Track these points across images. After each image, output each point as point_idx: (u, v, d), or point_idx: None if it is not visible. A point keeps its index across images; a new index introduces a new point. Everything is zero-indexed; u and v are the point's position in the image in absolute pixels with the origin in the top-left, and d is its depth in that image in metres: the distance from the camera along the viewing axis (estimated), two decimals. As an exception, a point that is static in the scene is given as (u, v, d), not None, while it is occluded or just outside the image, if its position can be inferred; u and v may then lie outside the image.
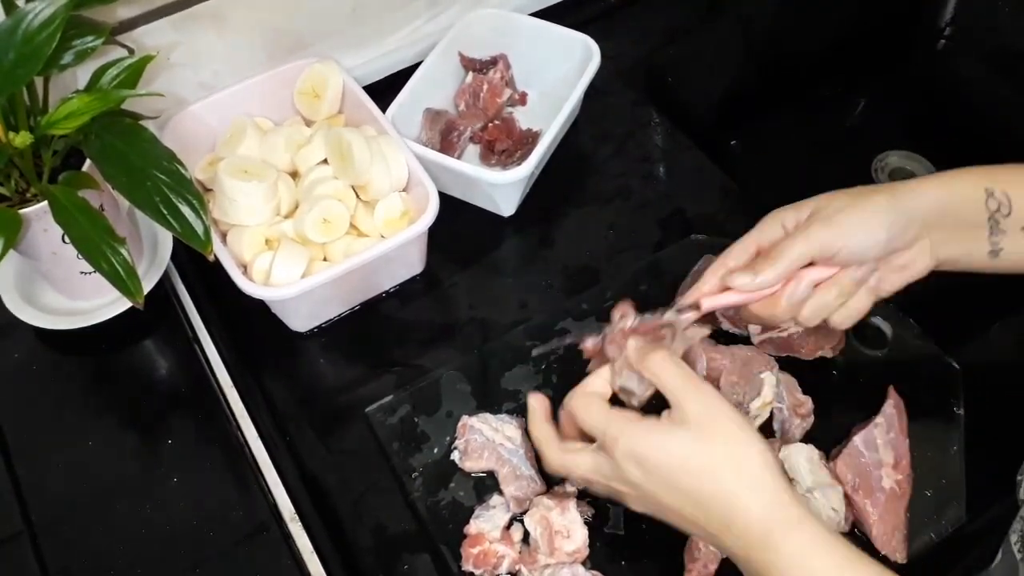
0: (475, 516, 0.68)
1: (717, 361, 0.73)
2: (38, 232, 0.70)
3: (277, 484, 0.70)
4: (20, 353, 0.78)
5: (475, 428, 0.71)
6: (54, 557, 0.67)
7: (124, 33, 0.79)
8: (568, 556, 0.65)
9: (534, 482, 0.69)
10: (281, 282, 0.74)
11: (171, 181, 0.66)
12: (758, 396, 0.70)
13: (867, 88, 1.15)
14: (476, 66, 0.93)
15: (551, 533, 0.66)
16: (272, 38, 0.88)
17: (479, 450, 0.70)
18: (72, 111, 0.65)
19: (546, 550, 0.65)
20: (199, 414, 0.75)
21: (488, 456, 0.70)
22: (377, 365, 0.78)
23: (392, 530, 0.69)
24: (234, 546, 0.68)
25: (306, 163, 0.82)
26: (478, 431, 0.71)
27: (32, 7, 0.63)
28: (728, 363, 0.73)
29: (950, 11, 1.16)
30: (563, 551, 0.65)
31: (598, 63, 0.87)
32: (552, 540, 0.65)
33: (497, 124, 0.91)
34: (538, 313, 0.81)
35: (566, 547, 0.65)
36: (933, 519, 0.68)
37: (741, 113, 1.10)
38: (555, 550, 0.65)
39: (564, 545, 0.65)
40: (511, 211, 0.87)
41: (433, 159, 0.81)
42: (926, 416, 0.71)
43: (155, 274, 0.79)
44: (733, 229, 0.84)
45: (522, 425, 0.72)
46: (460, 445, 0.71)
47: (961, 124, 1.13)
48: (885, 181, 1.06)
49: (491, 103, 0.91)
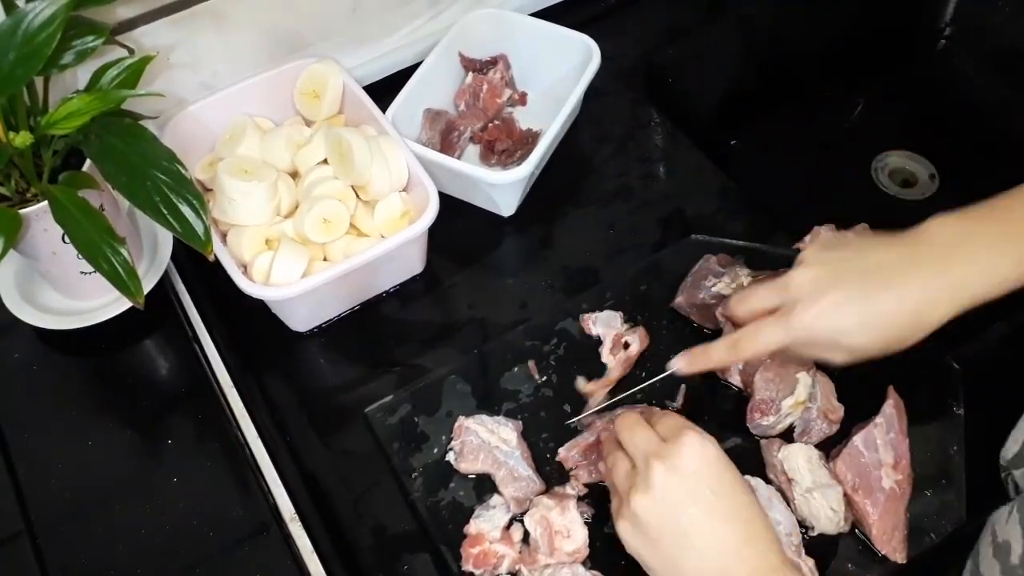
0: (475, 516, 0.68)
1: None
2: (38, 232, 0.70)
3: (277, 484, 0.70)
4: (20, 353, 0.78)
5: (471, 430, 0.71)
6: (54, 557, 0.67)
7: (124, 33, 0.79)
8: (568, 556, 0.65)
9: (533, 482, 0.69)
10: (281, 282, 0.74)
11: (171, 181, 0.66)
12: (791, 395, 0.70)
13: (867, 88, 1.15)
14: (476, 66, 0.93)
15: (551, 533, 0.66)
16: (272, 38, 0.88)
17: (475, 452, 0.70)
18: (72, 111, 0.65)
19: (546, 550, 0.65)
20: (199, 414, 0.75)
21: (484, 458, 0.70)
22: (377, 365, 0.78)
23: (392, 530, 0.69)
24: (234, 546, 0.68)
25: (306, 163, 0.82)
26: (474, 433, 0.71)
27: (32, 7, 0.63)
28: (767, 358, 0.72)
29: (950, 11, 1.16)
30: (563, 551, 0.65)
31: (598, 63, 0.87)
32: (552, 540, 0.65)
33: (497, 124, 0.91)
34: (538, 313, 0.81)
35: (566, 547, 0.65)
36: (933, 519, 0.68)
37: (741, 113, 1.10)
38: (555, 550, 0.65)
39: (564, 545, 0.65)
40: (511, 211, 0.87)
41: (433, 159, 0.81)
42: (926, 416, 0.71)
43: (155, 274, 0.79)
44: (733, 229, 0.85)
45: (518, 427, 0.72)
46: (456, 446, 0.71)
47: (961, 124, 1.13)
48: (885, 181, 1.07)
49: (491, 103, 0.91)
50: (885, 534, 0.65)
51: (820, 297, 0.61)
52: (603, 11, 1.05)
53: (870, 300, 0.61)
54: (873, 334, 0.61)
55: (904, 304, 0.60)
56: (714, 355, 0.66)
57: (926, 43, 1.17)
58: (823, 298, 0.61)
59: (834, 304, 0.61)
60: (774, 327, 0.63)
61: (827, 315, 0.61)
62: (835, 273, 0.62)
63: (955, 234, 0.62)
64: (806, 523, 0.67)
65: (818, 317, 0.61)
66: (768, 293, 0.65)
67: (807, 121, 1.13)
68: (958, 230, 0.62)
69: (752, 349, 0.64)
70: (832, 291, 0.61)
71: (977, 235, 0.61)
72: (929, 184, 1.06)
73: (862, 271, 0.62)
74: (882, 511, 0.66)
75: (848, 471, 0.67)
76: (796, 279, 0.63)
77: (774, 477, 0.69)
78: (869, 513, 0.66)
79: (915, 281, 0.60)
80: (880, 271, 0.61)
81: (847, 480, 0.67)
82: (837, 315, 0.61)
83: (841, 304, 0.61)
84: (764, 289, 0.65)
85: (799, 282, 0.63)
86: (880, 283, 0.61)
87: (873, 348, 0.62)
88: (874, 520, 0.65)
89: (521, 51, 0.94)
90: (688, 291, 0.78)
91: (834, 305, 0.61)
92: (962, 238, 0.61)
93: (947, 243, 0.61)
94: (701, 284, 0.78)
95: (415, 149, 0.81)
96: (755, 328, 0.64)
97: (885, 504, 0.66)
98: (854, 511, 0.67)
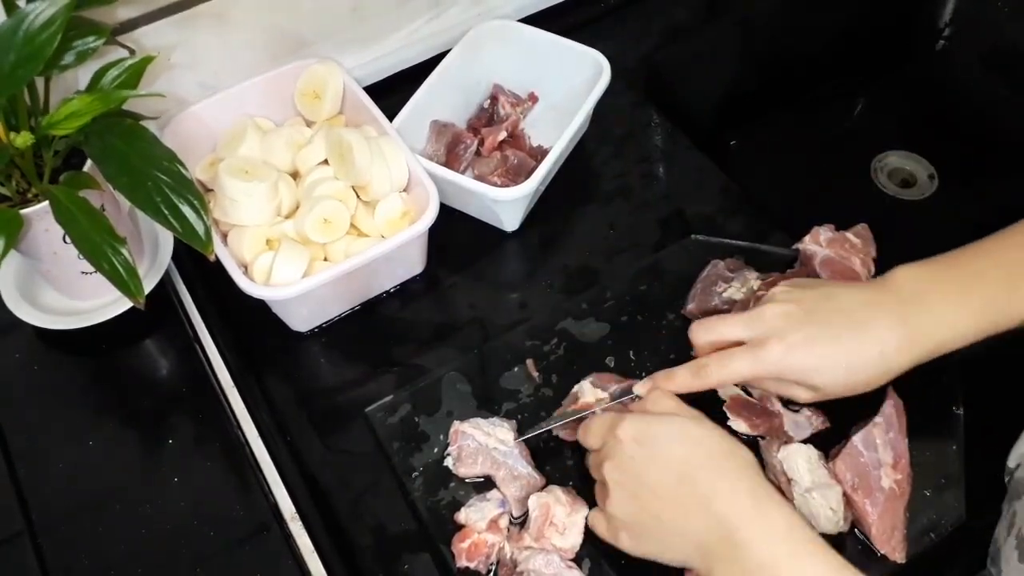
0: (467, 505, 0.68)
1: None
2: (39, 232, 0.70)
3: (277, 484, 0.70)
4: (20, 353, 0.79)
5: (467, 434, 0.71)
6: (54, 557, 0.67)
7: (125, 34, 0.79)
8: (552, 548, 0.65)
9: (533, 478, 0.69)
10: (282, 282, 0.74)
11: (172, 181, 0.66)
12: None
13: (867, 88, 1.15)
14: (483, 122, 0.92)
15: (546, 522, 0.65)
16: (272, 38, 0.88)
17: (473, 455, 0.70)
18: (73, 111, 0.65)
19: (534, 534, 0.65)
20: (199, 414, 0.75)
21: (483, 461, 0.70)
22: (377, 365, 0.79)
23: (392, 530, 0.69)
24: (234, 546, 0.68)
25: (307, 163, 0.82)
26: (470, 436, 0.70)
27: (33, 8, 0.63)
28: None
29: (950, 11, 1.16)
30: (550, 541, 0.65)
31: (608, 80, 0.86)
32: (543, 528, 0.65)
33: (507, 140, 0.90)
34: (538, 313, 0.81)
35: (555, 541, 0.65)
36: (933, 519, 0.68)
37: (741, 113, 1.10)
38: (543, 538, 0.65)
39: (554, 538, 0.65)
40: (514, 227, 0.86)
41: (437, 173, 0.80)
42: (926, 416, 0.71)
43: (156, 274, 0.79)
44: (733, 229, 0.85)
45: (513, 427, 0.72)
46: (453, 452, 0.71)
47: (961, 124, 1.13)
48: (885, 181, 1.07)
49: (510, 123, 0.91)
50: (884, 534, 0.66)
51: (791, 333, 0.62)
52: (603, 11, 1.05)
53: (838, 341, 0.62)
54: (839, 374, 0.62)
55: (869, 348, 0.61)
56: (678, 379, 0.66)
57: (926, 43, 1.17)
58: (794, 334, 0.62)
59: (805, 341, 0.62)
60: (743, 358, 0.64)
61: (797, 352, 0.62)
62: (806, 312, 0.63)
63: (916, 284, 0.63)
64: (806, 523, 0.67)
65: (788, 353, 0.62)
66: (734, 326, 0.65)
67: (807, 121, 1.13)
68: (919, 281, 0.63)
69: (718, 377, 0.65)
70: (803, 328, 0.62)
71: (937, 287, 0.63)
72: (929, 184, 1.06)
73: (831, 311, 0.63)
74: (881, 511, 0.66)
75: (847, 471, 0.67)
76: (767, 313, 0.64)
77: (773, 477, 0.69)
78: (868, 513, 0.66)
79: (878, 326, 0.62)
80: (847, 313, 0.63)
81: (846, 480, 0.67)
82: (807, 353, 0.62)
83: (812, 342, 0.62)
84: (731, 321, 0.66)
85: (770, 316, 0.64)
86: (847, 325, 0.62)
87: (838, 388, 0.63)
88: (873, 520, 0.66)
89: (530, 63, 0.92)
90: (699, 298, 0.78)
91: (805, 342, 0.62)
92: (922, 289, 0.63)
93: (908, 292, 0.63)
94: (711, 290, 0.78)
95: (420, 162, 0.80)
96: (724, 356, 0.65)
97: (884, 504, 0.66)
98: (853, 511, 0.67)
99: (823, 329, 0.62)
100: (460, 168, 0.86)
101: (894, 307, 0.62)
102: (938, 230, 1.02)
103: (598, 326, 0.79)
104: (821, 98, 1.14)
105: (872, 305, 0.63)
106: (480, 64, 0.92)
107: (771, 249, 0.82)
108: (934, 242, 0.76)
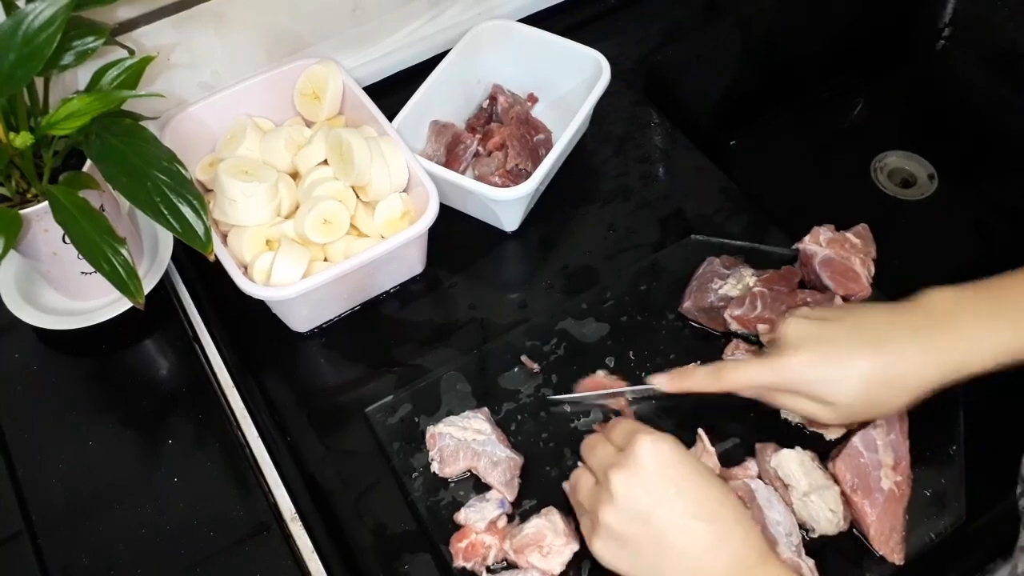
0: (467, 505, 0.68)
1: None
2: (39, 232, 0.70)
3: (277, 484, 0.70)
4: (20, 353, 0.79)
5: (443, 434, 0.71)
6: (54, 557, 0.67)
7: (124, 34, 0.79)
8: (528, 565, 0.65)
9: (512, 459, 0.69)
10: (281, 282, 0.74)
11: (171, 181, 0.66)
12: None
13: (867, 88, 1.15)
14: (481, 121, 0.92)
15: (536, 540, 0.65)
16: (272, 38, 0.88)
17: (454, 453, 0.70)
18: (72, 112, 0.65)
19: (517, 545, 0.65)
20: (199, 414, 0.75)
21: (464, 456, 0.70)
22: (377, 365, 0.79)
23: (392, 530, 0.69)
24: (234, 546, 0.68)
25: (306, 164, 0.82)
26: (447, 436, 0.70)
27: (32, 8, 0.63)
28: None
29: (950, 11, 1.16)
30: (527, 559, 0.65)
31: (608, 80, 0.86)
32: (529, 546, 0.65)
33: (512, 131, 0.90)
34: (538, 313, 0.81)
35: (534, 560, 0.64)
36: (933, 519, 0.68)
37: (741, 113, 1.11)
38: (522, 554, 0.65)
39: (534, 558, 0.64)
40: (514, 227, 0.86)
41: (437, 173, 0.80)
42: (926, 416, 0.71)
43: (155, 274, 0.79)
44: (733, 229, 0.85)
45: (486, 414, 0.72)
46: (435, 456, 0.71)
47: (960, 124, 1.13)
48: (885, 181, 1.07)
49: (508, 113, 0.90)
50: (883, 535, 0.66)
51: (811, 347, 0.62)
52: (603, 11, 1.05)
53: (858, 358, 0.61)
54: (858, 392, 0.61)
55: (891, 368, 0.61)
56: (697, 378, 0.67)
57: (926, 43, 1.17)
58: (813, 348, 0.62)
59: (822, 356, 0.62)
60: (759, 366, 0.64)
61: (814, 365, 0.62)
62: (827, 329, 0.63)
63: (948, 306, 0.62)
64: (806, 526, 0.67)
65: (805, 365, 0.62)
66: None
67: (807, 121, 1.13)
68: (951, 303, 0.62)
69: (734, 381, 0.65)
70: (823, 344, 0.62)
71: (968, 310, 0.62)
72: (928, 184, 1.07)
73: (853, 328, 0.63)
74: (880, 512, 0.66)
75: (847, 471, 0.67)
76: (788, 328, 0.64)
77: (769, 483, 0.68)
78: (867, 514, 0.66)
79: (903, 346, 0.61)
80: (871, 331, 0.62)
81: (846, 480, 0.67)
82: (824, 367, 0.62)
83: (829, 357, 0.62)
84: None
85: (790, 331, 0.64)
86: (869, 344, 0.62)
87: (856, 404, 0.62)
88: (872, 521, 0.66)
89: (530, 64, 0.92)
90: (695, 295, 0.78)
91: (822, 357, 0.62)
92: (953, 311, 0.62)
93: (939, 314, 0.62)
94: (707, 287, 0.78)
95: (420, 162, 0.80)
96: (742, 362, 0.65)
97: (884, 505, 0.66)
98: (852, 511, 0.67)
99: (844, 345, 0.62)
100: (460, 168, 0.86)
101: (922, 328, 0.62)
102: (938, 230, 1.02)
103: (598, 326, 0.79)
104: (821, 98, 1.14)
105: (899, 325, 0.62)
106: (480, 64, 0.92)
107: (771, 249, 0.82)
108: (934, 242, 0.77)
